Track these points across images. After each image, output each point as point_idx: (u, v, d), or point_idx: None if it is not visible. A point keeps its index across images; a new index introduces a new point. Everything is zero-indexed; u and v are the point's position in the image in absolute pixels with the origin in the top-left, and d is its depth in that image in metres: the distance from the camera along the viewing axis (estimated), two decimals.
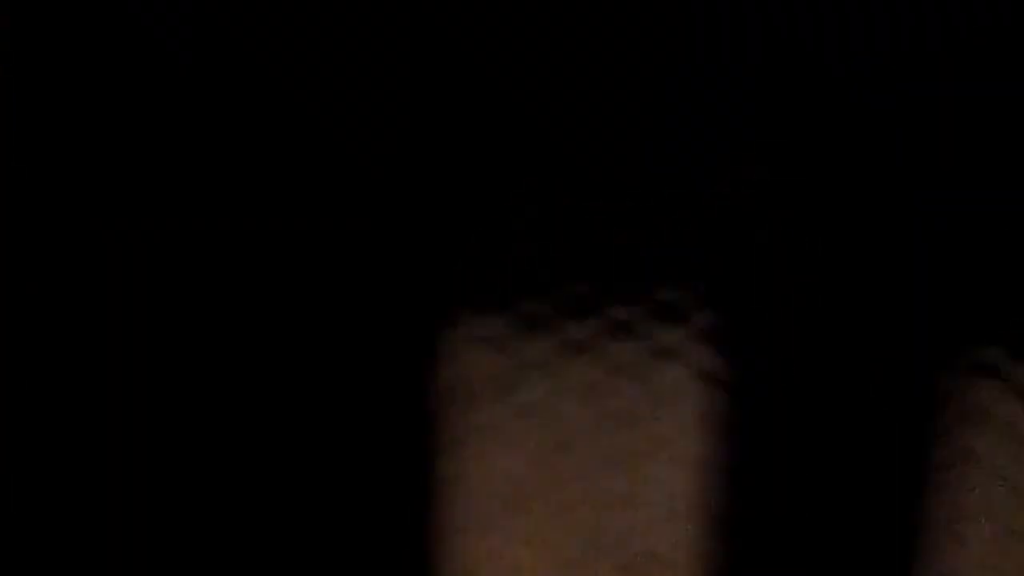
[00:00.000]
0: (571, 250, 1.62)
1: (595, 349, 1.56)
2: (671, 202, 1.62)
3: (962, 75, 1.61)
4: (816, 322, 1.64)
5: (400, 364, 1.59)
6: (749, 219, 1.63)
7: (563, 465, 1.58)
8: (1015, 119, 1.62)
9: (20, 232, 1.53)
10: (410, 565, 1.55)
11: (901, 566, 1.56)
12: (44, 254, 1.54)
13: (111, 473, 1.60)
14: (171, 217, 1.55)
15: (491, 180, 1.60)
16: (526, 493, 1.57)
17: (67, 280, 1.55)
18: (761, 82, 1.60)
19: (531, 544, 1.56)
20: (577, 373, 1.57)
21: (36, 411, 1.58)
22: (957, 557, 1.56)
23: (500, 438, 1.57)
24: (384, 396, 1.61)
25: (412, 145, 1.58)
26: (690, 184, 1.62)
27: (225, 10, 1.51)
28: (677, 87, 1.59)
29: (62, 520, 1.61)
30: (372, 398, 1.62)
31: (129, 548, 1.61)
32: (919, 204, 1.63)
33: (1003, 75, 1.61)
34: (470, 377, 1.56)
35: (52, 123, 1.51)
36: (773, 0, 1.58)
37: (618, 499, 1.57)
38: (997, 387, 1.59)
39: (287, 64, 1.54)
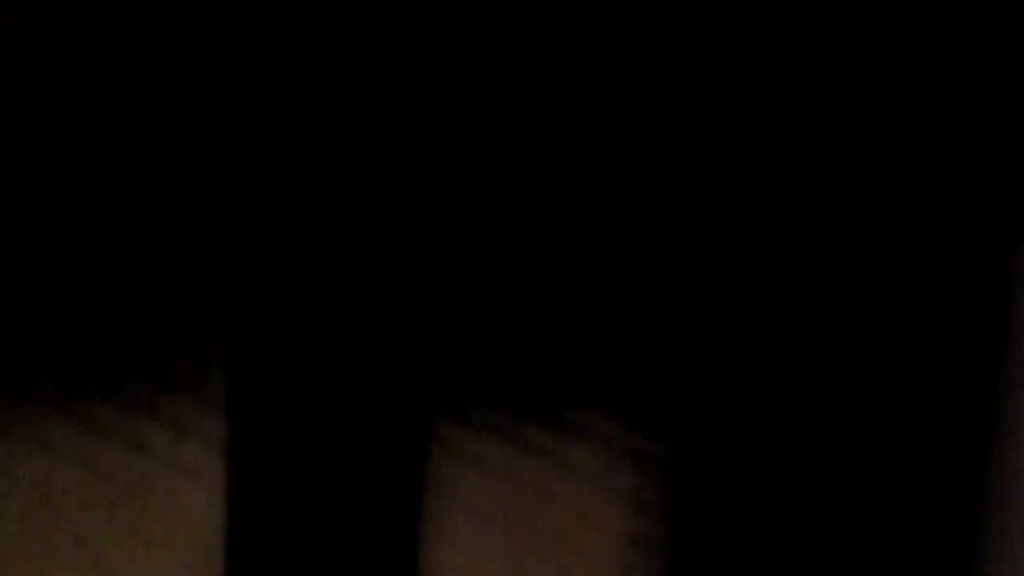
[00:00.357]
0: (571, 250, 1.62)
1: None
2: (671, 202, 1.62)
3: (962, 75, 1.61)
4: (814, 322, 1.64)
5: None
6: (749, 219, 1.63)
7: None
8: (1015, 119, 1.62)
9: (20, 232, 1.53)
10: None
11: None
12: (44, 254, 1.54)
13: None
14: (171, 217, 1.55)
15: (491, 180, 1.60)
16: None
17: (67, 280, 1.55)
18: (761, 82, 1.60)
19: None
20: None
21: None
22: None
23: None
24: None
25: (412, 145, 1.58)
26: (690, 184, 1.62)
27: (225, 10, 1.51)
28: (677, 87, 1.59)
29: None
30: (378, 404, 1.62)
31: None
32: (919, 204, 1.63)
33: (1003, 75, 1.61)
34: None
35: (52, 123, 1.51)
36: (773, 0, 1.58)
37: None
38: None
39: (287, 64, 1.54)
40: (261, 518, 1.59)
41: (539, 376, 1.61)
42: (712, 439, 1.65)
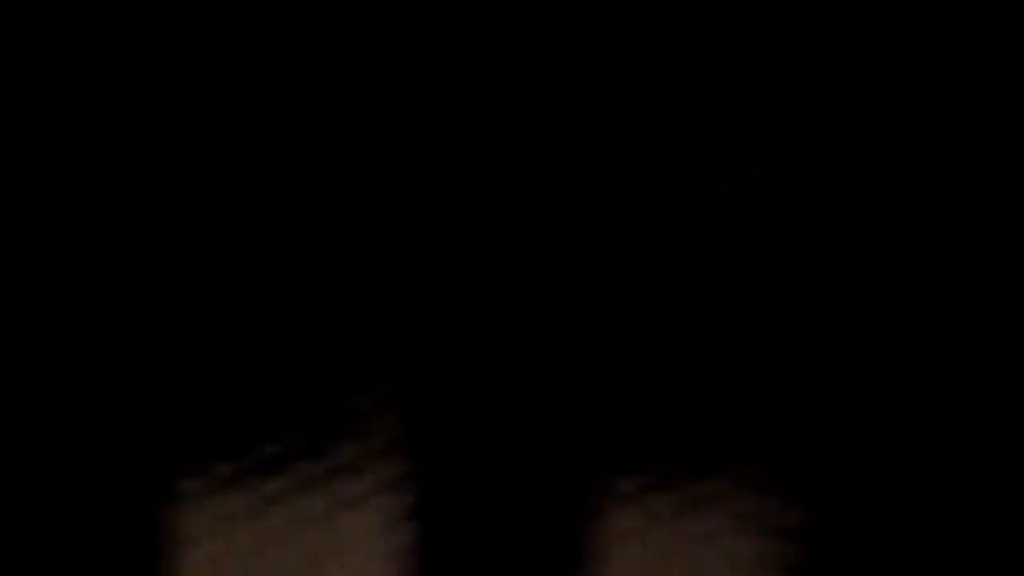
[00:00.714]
0: (571, 250, 1.62)
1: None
2: (671, 202, 1.62)
3: (962, 75, 1.61)
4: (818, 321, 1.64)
5: None
6: (749, 219, 1.63)
7: None
8: (1015, 119, 1.62)
9: (20, 232, 1.53)
10: None
11: None
12: (44, 254, 1.54)
13: (111, 469, 1.60)
14: (171, 217, 1.55)
15: (491, 180, 1.60)
16: None
17: (67, 280, 1.55)
18: (761, 82, 1.60)
19: None
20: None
21: (37, 409, 1.59)
22: None
23: None
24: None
25: (412, 145, 1.58)
26: (690, 184, 1.62)
27: (225, 10, 1.51)
28: (677, 87, 1.59)
29: (63, 522, 1.61)
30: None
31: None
32: (919, 204, 1.63)
33: (1003, 75, 1.61)
34: None
35: (52, 123, 1.51)
36: (773, 0, 1.58)
37: None
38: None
39: (287, 64, 1.54)
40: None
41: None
42: (713, 438, 1.65)
